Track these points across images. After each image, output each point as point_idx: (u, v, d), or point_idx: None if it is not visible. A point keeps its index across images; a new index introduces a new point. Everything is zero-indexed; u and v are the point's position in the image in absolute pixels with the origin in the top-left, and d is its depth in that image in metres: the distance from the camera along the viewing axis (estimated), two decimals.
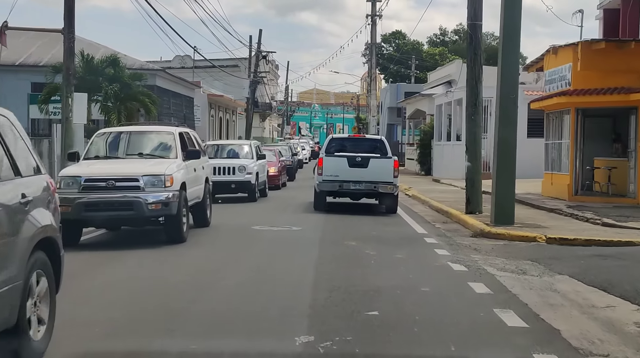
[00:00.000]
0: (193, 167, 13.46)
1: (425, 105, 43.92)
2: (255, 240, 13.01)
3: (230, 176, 20.98)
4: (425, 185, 30.55)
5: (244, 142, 25.00)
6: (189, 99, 39.25)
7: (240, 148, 23.27)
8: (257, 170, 21.89)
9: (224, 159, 21.97)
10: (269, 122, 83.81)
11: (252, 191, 21.53)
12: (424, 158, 41.82)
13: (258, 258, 11.15)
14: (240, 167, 21.15)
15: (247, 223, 15.40)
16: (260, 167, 22.77)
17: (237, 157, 22.33)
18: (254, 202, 21.36)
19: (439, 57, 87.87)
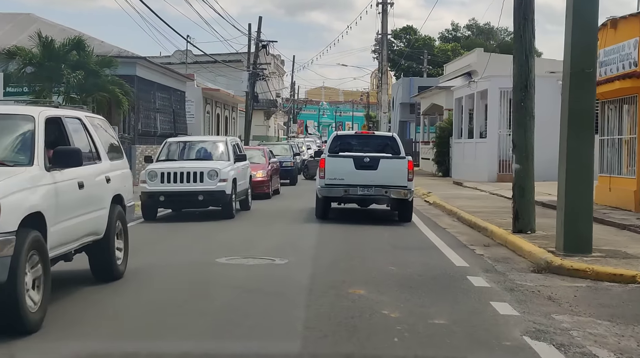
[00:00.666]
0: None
1: (443, 99, 39.69)
2: (209, 290, 8.44)
3: (197, 185, 15.82)
4: (447, 189, 26.35)
5: (219, 139, 18.98)
6: (179, 92, 35.13)
7: (214, 147, 17.75)
8: (234, 175, 16.74)
9: (190, 162, 16.86)
10: (274, 120, 79.63)
11: (228, 204, 16.38)
12: (442, 157, 37.60)
13: (201, 334, 6.40)
14: (210, 172, 15.95)
15: (210, 252, 11.13)
16: (240, 171, 17.78)
17: (209, 158, 17.24)
18: (231, 219, 16.21)
19: (452, 53, 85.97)
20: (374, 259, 10.69)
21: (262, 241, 12.80)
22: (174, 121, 33.83)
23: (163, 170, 15.94)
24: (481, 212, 16.72)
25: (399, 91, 56.93)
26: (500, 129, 29.58)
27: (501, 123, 29.62)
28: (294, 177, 30.01)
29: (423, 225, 15.47)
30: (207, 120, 41.69)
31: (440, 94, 40.25)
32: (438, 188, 27.17)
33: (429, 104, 43.74)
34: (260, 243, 12.50)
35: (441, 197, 22.25)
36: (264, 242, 12.60)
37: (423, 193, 25.09)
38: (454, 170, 35.88)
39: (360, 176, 15.23)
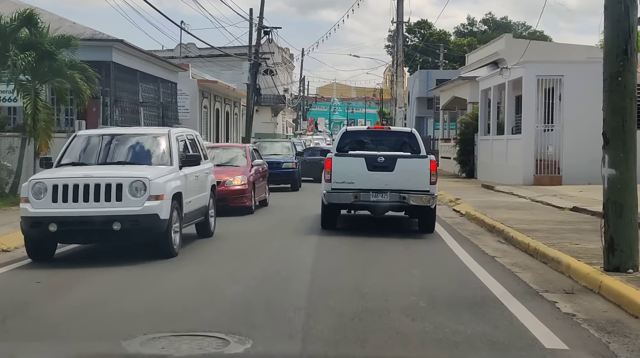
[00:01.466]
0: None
1: (466, 91, 35.53)
2: None
3: (109, 205, 9.95)
4: (477, 195, 22.24)
5: (158, 132, 12.24)
6: (169, 84, 31.13)
7: (151, 143, 11.66)
8: (176, 188, 10.85)
9: (104, 168, 10.93)
10: (282, 117, 75.61)
11: (163, 236, 10.39)
12: (465, 157, 33.43)
13: None
14: (134, 184, 10.12)
15: (120, 325, 6.75)
16: (193, 180, 11.97)
17: (139, 161, 11.25)
18: (171, 259, 10.45)
19: (468, 47, 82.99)
20: (397, 321, 6.65)
21: (218, 296, 8.17)
22: (163, 116, 29.80)
23: (57, 182, 10.07)
24: (537, 231, 12.61)
25: (416, 84, 52.76)
26: (537, 124, 25.43)
27: (538, 117, 25.47)
28: (295, 180, 25.73)
29: (462, 251, 11.41)
30: (204, 115, 37.70)
31: (463, 85, 36.09)
32: (466, 193, 23.05)
33: (449, 98, 39.60)
34: (213, 300, 7.94)
35: (474, 205, 18.17)
36: (220, 299, 8.00)
37: (450, 199, 21.00)
38: (480, 170, 31.76)
39: (373, 179, 13.04)
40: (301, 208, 18.14)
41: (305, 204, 19.11)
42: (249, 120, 37.05)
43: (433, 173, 13.11)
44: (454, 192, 23.44)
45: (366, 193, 13.01)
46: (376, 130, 16.37)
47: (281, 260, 10.91)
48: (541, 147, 25.40)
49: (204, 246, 12.11)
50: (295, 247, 12.01)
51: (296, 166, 25.79)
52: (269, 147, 27.91)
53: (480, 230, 14.23)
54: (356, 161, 13.22)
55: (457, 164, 34.18)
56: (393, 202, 13.05)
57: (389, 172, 13.01)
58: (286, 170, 25.13)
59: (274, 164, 24.00)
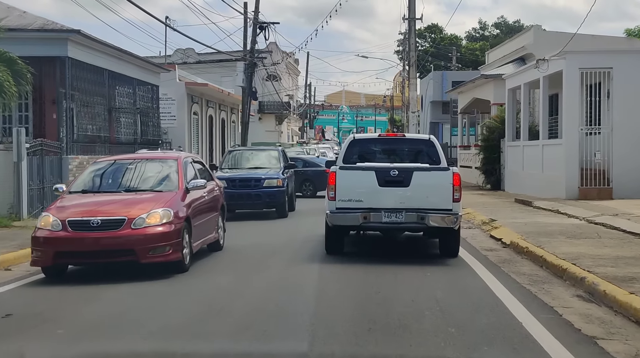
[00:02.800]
0: None
1: (489, 91, 31.33)
2: None
3: None
4: (515, 213, 18.05)
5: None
6: (150, 87, 27.06)
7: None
8: None
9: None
10: (287, 125, 71.49)
11: None
12: (490, 165, 29.23)
13: None
14: None
15: None
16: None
17: None
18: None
19: (480, 52, 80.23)
20: None
21: None
22: (141, 123, 25.74)
23: None
24: (636, 280, 8.37)
25: (429, 87, 48.63)
26: (581, 126, 21.19)
27: (582, 118, 21.25)
28: (281, 203, 19.44)
29: (533, 323, 7.17)
30: (194, 123, 33.58)
31: (485, 85, 31.88)
32: (500, 211, 18.86)
33: (469, 100, 35.40)
34: None
35: (518, 230, 14.00)
36: None
37: (483, 221, 16.80)
38: (507, 181, 27.56)
39: (385, 196, 11.31)
40: (279, 256, 12.32)
41: (290, 243, 13.84)
42: (245, 128, 32.87)
43: (457, 188, 11.19)
44: (484, 210, 19.24)
45: (377, 213, 11.14)
46: (389, 138, 14.22)
47: None
48: (588, 153, 21.19)
49: None
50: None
51: (284, 184, 19.56)
52: (248, 158, 21.53)
53: (541, 274, 9.99)
54: (365, 175, 11.33)
55: (481, 173, 29.97)
56: (409, 223, 11.21)
57: (404, 187, 11.20)
58: (269, 190, 19.17)
59: (251, 182, 19.31)
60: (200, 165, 13.03)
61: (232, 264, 11.60)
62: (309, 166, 27.43)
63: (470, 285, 9.00)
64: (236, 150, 23.11)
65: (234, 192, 18.44)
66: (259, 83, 49.84)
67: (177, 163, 11.63)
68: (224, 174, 19.33)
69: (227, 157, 21.74)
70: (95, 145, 22.61)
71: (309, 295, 8.76)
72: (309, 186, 27.05)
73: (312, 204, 23.26)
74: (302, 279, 9.84)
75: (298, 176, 25.69)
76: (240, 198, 18.82)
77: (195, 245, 11.11)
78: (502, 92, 29.02)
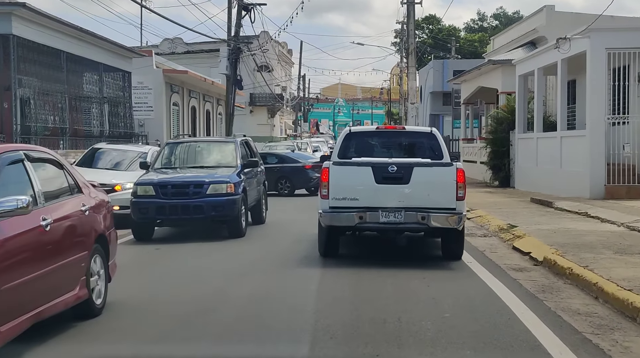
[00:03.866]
0: None
1: (497, 79, 28.56)
2: None
3: None
4: (536, 217, 15.35)
5: None
6: (121, 74, 24.27)
7: None
8: None
9: None
10: (279, 118, 68.69)
11: None
12: (499, 160, 26.51)
13: None
14: None
15: None
16: None
17: None
18: None
19: (479, 43, 78.07)
20: None
21: None
22: (109, 114, 22.95)
23: None
24: None
25: (429, 77, 45.82)
26: (607, 116, 18.46)
27: (608, 106, 18.52)
28: (234, 218, 13.73)
29: None
30: (173, 114, 30.75)
31: (492, 72, 29.08)
32: (517, 213, 16.15)
33: (474, 89, 32.61)
34: None
35: (548, 240, 11.33)
36: None
37: (501, 227, 14.08)
38: (518, 177, 24.85)
39: (383, 194, 10.46)
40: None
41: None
42: (229, 119, 30.02)
43: (461, 185, 10.44)
44: (498, 212, 16.52)
45: (374, 213, 10.41)
46: (387, 131, 12.99)
47: None
48: (615, 146, 18.48)
49: None
50: None
51: (239, 189, 13.78)
52: (194, 153, 15.60)
53: (602, 313, 7.18)
54: (361, 171, 10.62)
55: (488, 169, 27.21)
56: (409, 223, 10.43)
57: (403, 184, 10.49)
58: (215, 199, 13.41)
59: (189, 188, 13.52)
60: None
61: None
62: (285, 162, 24.88)
63: (512, 336, 6.18)
64: (176, 143, 16.29)
65: (165, 203, 13.18)
66: (249, 74, 47.11)
67: None
68: (151, 178, 13.75)
69: (164, 152, 15.30)
70: (58, 138, 19.90)
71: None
72: (286, 184, 24.48)
73: (288, 206, 20.40)
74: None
75: (273, 173, 23.39)
76: (174, 212, 13.26)
77: None
78: (512, 80, 26.30)
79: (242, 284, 9.10)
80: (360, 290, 8.56)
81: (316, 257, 10.96)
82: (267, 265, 10.63)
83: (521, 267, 9.97)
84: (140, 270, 10.25)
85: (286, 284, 9.02)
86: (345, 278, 9.31)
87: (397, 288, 8.58)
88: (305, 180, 24.48)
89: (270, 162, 24.84)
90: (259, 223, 15.89)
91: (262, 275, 9.71)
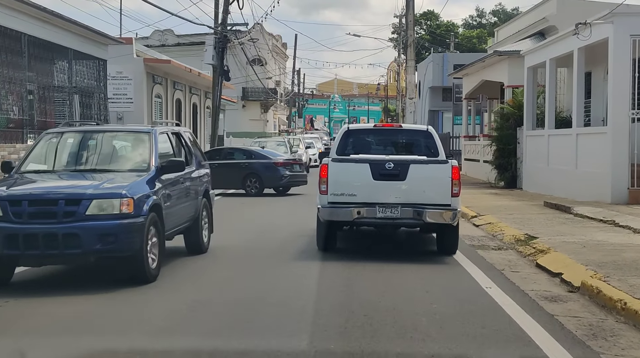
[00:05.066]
0: None
1: (503, 71, 26.61)
2: None
3: None
4: (556, 225, 13.41)
5: None
6: (96, 61, 22.24)
7: None
8: None
9: None
10: (273, 113, 66.62)
11: None
12: (505, 159, 24.59)
13: None
14: None
15: None
16: None
17: None
18: None
19: (477, 40, 76.49)
20: None
21: None
22: (81, 105, 20.93)
23: None
24: None
25: (428, 71, 43.85)
26: (633, 110, 16.49)
27: (632, 99, 16.57)
28: (134, 254, 8.52)
29: None
30: (156, 107, 28.71)
31: (498, 64, 27.11)
32: (533, 221, 14.20)
33: (477, 83, 30.63)
34: None
35: (579, 257, 9.34)
36: None
37: (515, 237, 12.18)
38: (526, 178, 22.95)
39: (380, 190, 10.70)
40: None
41: None
42: (216, 113, 27.95)
43: (455, 182, 10.64)
44: (510, 219, 14.58)
45: (371, 208, 10.66)
46: (384, 129, 13.64)
47: None
48: (638, 145, 16.51)
49: None
50: None
51: (144, 208, 8.62)
52: (85, 149, 10.14)
53: None
54: (359, 168, 10.90)
55: (493, 168, 25.23)
56: (405, 219, 10.70)
57: (399, 181, 10.73)
58: (99, 225, 8.29)
59: (57, 207, 8.34)
60: None
61: None
62: (254, 158, 22.86)
63: None
64: (60, 133, 10.32)
65: (18, 230, 8.16)
66: (240, 66, 45.06)
67: None
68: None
69: (39, 146, 10.15)
70: (23, 130, 17.91)
71: None
72: (254, 182, 22.46)
73: (255, 213, 17.46)
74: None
75: (240, 170, 22.06)
76: (32, 245, 8.19)
77: None
78: (519, 72, 24.39)
79: None
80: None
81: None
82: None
83: (554, 295, 7.97)
84: None
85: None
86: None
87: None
88: (276, 178, 22.46)
89: (237, 158, 23.16)
90: (196, 253, 10.94)
91: None
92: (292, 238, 12.67)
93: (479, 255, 10.99)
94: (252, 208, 18.91)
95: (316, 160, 41.68)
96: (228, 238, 12.51)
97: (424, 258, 10.74)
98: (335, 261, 10.23)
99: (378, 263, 10.03)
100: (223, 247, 11.63)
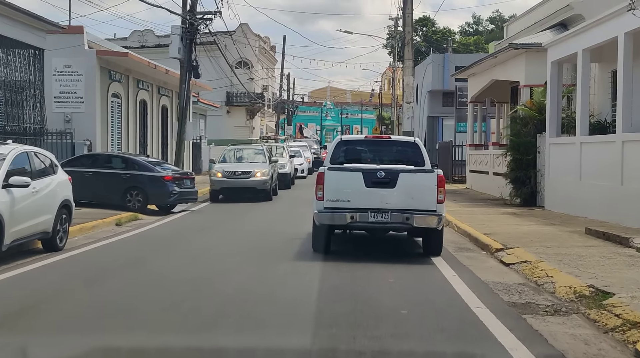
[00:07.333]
0: None
1: (519, 68, 22.73)
2: None
3: None
4: (619, 263, 9.70)
5: None
6: (30, 51, 18.26)
7: None
8: None
9: None
10: (260, 120, 62.63)
11: None
12: (522, 171, 20.72)
13: None
14: None
15: None
16: None
17: None
18: None
19: (474, 47, 74.27)
20: None
21: None
22: (7, 104, 16.99)
23: None
24: None
25: (427, 74, 39.95)
26: None
27: None
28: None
29: None
30: (114, 108, 24.66)
31: (512, 61, 23.22)
32: (585, 258, 10.37)
33: (486, 83, 26.76)
34: None
35: None
36: None
37: (576, 291, 8.35)
38: (549, 195, 19.14)
39: (372, 196, 11.77)
40: None
41: None
42: (182, 116, 23.93)
43: (440, 190, 11.61)
44: (550, 254, 10.74)
45: (364, 213, 11.64)
46: (375, 140, 14.25)
47: None
48: None
49: None
50: None
51: None
52: None
53: None
54: (353, 176, 11.88)
55: (508, 182, 21.30)
56: (395, 223, 11.67)
57: (390, 188, 11.68)
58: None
59: None
60: None
61: None
62: (137, 169, 18.96)
63: None
64: None
65: None
66: (225, 69, 41.17)
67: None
68: None
69: None
70: None
71: None
72: (137, 196, 18.31)
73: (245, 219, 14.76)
74: None
75: (121, 181, 18.36)
76: None
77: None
78: (539, 69, 20.64)
79: None
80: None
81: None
82: None
83: None
84: None
85: None
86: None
87: None
88: (163, 194, 18.33)
89: (115, 166, 19.08)
90: None
91: None
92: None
93: (527, 324, 7.03)
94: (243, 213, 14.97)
95: (303, 171, 37.65)
96: None
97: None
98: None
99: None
100: None
